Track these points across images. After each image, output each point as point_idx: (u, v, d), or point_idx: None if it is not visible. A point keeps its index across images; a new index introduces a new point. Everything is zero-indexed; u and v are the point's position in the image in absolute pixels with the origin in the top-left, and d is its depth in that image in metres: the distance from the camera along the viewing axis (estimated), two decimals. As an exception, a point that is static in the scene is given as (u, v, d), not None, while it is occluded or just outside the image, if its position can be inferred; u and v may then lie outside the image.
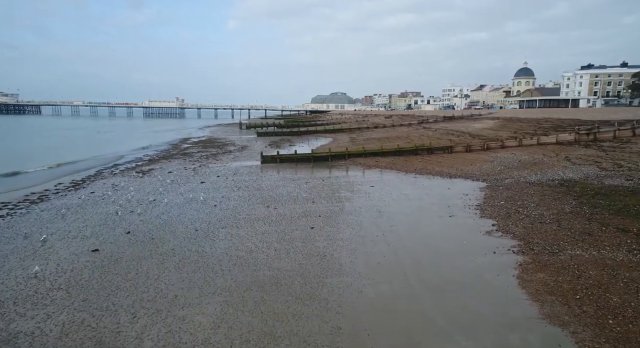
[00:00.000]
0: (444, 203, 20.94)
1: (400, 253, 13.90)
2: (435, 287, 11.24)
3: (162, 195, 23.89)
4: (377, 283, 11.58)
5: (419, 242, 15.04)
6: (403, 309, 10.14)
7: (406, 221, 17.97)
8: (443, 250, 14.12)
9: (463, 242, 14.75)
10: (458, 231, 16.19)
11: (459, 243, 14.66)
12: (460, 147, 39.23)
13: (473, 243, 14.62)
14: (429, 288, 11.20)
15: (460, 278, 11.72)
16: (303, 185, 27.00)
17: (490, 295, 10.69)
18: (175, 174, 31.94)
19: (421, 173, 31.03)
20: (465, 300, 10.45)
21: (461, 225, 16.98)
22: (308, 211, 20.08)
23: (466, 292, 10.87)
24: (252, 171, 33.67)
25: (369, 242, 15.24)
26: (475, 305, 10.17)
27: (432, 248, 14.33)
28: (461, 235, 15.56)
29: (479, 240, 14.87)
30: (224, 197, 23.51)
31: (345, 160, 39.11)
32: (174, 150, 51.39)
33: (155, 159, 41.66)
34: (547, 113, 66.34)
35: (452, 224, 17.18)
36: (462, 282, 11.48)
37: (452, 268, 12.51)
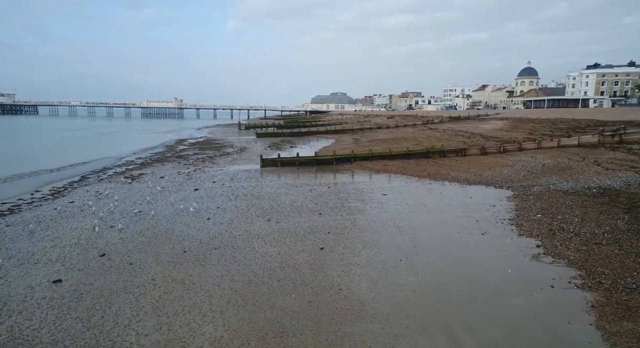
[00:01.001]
0: (470, 216, 18.28)
1: (434, 287, 11.22)
2: (493, 345, 8.50)
3: (150, 205, 21.20)
4: (413, 334, 8.89)
5: (454, 271, 12.35)
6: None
7: (431, 240, 15.31)
8: (486, 282, 11.43)
9: (508, 270, 12.08)
10: (497, 254, 13.52)
11: (504, 273, 11.99)
12: (474, 150, 36.57)
13: (521, 272, 11.95)
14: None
15: (523, 331, 8.93)
16: (307, 193, 24.35)
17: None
18: (167, 179, 29.26)
19: (435, 178, 28.38)
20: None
21: (498, 246, 14.31)
22: (315, 226, 17.42)
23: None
24: (251, 176, 31.00)
25: (392, 268, 12.58)
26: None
27: (472, 280, 11.62)
28: (503, 261, 12.89)
29: (527, 268, 12.20)
30: (219, 207, 20.84)
31: (351, 164, 36.45)
32: (169, 152, 48.69)
33: (147, 162, 38.97)
34: (559, 113, 63.68)
35: (487, 245, 14.51)
36: (527, 336, 8.73)
37: (506, 312, 9.81)
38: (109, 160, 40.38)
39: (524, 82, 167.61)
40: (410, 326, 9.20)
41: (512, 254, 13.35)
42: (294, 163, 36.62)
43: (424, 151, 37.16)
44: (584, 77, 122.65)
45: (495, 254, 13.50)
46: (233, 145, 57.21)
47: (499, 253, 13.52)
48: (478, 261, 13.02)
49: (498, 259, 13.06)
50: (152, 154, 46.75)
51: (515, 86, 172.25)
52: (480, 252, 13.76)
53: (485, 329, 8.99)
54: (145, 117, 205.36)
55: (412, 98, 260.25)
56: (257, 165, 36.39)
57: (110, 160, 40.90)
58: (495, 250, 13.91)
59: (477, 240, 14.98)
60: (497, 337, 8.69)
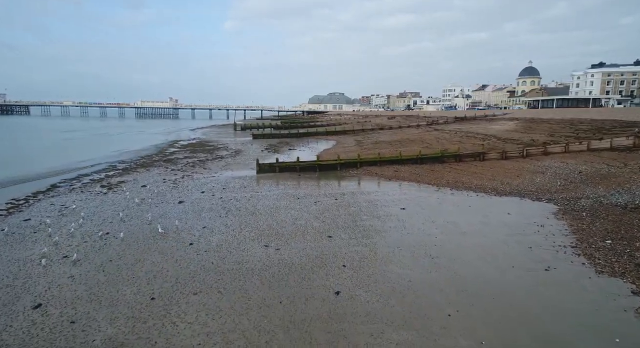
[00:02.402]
0: (519, 241, 14.65)
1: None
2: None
3: (121, 224, 17.44)
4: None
5: (532, 337, 8.66)
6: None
7: (481, 280, 11.63)
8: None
9: (615, 340, 8.40)
10: (582, 307, 9.84)
11: (610, 343, 8.32)
12: (494, 154, 32.97)
13: (631, 341, 8.30)
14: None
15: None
16: (311, 207, 20.65)
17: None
18: (150, 188, 25.48)
19: (457, 188, 24.76)
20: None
21: (577, 291, 10.66)
22: (325, 255, 13.74)
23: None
24: (246, 184, 27.26)
25: (440, 330, 8.91)
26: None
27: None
28: (598, 319, 9.24)
29: (637, 334, 8.56)
30: (205, 227, 17.10)
31: (358, 169, 32.78)
32: (157, 155, 44.82)
33: (131, 168, 35.12)
34: (572, 113, 60.27)
35: (561, 288, 10.83)
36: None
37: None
38: (88, 165, 36.45)
39: (526, 82, 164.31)
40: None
41: (605, 307, 9.70)
42: (294, 168, 32.93)
43: (438, 155, 33.51)
44: (588, 77, 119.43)
45: (580, 307, 9.84)
46: (227, 148, 53.41)
47: (585, 306, 9.86)
48: (560, 319, 9.34)
49: (588, 316, 9.40)
50: (138, 157, 42.87)
51: (517, 86, 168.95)
52: (558, 302, 10.07)
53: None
54: (140, 118, 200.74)
55: (410, 98, 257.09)
56: (253, 171, 32.68)
57: (90, 164, 36.99)
58: (576, 298, 10.25)
59: (544, 280, 11.32)
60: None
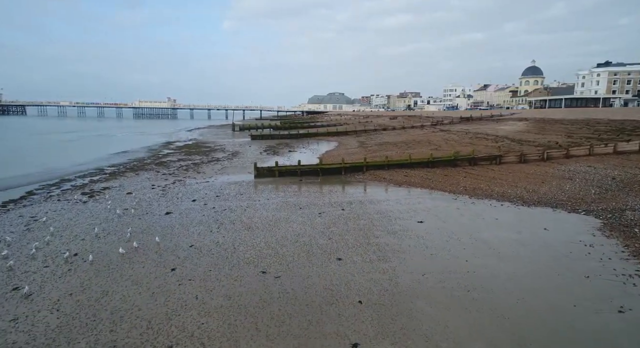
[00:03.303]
0: (570, 267, 12.14)
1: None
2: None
3: (94, 242, 14.91)
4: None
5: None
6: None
7: (538, 326, 9.11)
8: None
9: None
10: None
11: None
12: (511, 156, 30.43)
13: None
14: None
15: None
16: (316, 220, 18.12)
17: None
18: (136, 196, 22.93)
19: (477, 195, 22.24)
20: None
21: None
22: (336, 285, 11.22)
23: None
24: (243, 191, 24.72)
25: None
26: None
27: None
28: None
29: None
30: (193, 246, 14.57)
31: (364, 174, 30.25)
32: (150, 158, 42.26)
33: (119, 171, 32.55)
34: (584, 113, 57.80)
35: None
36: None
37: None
38: (74, 168, 33.86)
39: (529, 81, 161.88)
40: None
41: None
42: (294, 172, 30.42)
43: (451, 158, 30.97)
44: (594, 76, 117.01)
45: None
46: (224, 149, 50.86)
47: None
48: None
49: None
50: (128, 159, 40.30)
51: (520, 86, 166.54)
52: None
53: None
54: (137, 118, 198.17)
55: (410, 98, 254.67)
56: (251, 175, 30.17)
57: (77, 167, 34.42)
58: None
59: (620, 328, 8.81)
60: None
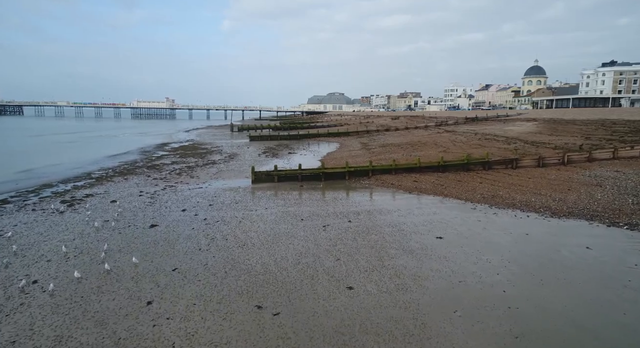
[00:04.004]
0: (635, 300, 9.98)
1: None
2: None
3: (61, 265, 12.72)
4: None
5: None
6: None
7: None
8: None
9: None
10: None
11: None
12: (528, 160, 28.25)
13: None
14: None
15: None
16: (320, 234, 15.95)
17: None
18: (120, 205, 20.75)
19: (497, 204, 20.07)
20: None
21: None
22: (348, 326, 9.04)
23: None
24: (239, 199, 22.54)
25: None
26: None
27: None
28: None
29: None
30: (176, 270, 12.39)
31: (369, 179, 28.11)
32: (142, 160, 40.07)
33: (107, 176, 30.35)
34: (595, 113, 55.79)
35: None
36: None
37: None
38: (59, 172, 31.67)
39: (532, 81, 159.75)
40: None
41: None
42: (295, 177, 28.27)
43: (464, 162, 28.78)
44: (599, 76, 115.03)
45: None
46: (222, 151, 48.68)
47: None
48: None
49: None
50: (120, 162, 38.10)
51: (522, 85, 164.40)
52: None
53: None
54: (135, 118, 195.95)
55: (411, 98, 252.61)
56: (248, 180, 28.03)
57: (63, 171, 32.22)
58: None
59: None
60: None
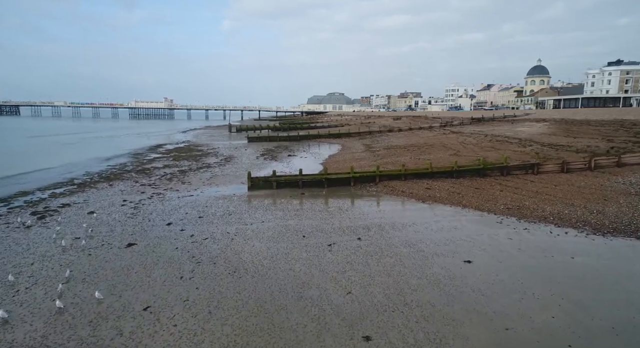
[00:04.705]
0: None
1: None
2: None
3: (3, 300, 10.27)
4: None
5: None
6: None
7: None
8: None
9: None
10: None
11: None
12: (551, 165, 25.80)
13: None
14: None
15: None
16: (326, 256, 13.51)
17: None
18: (98, 217, 18.31)
19: (526, 217, 17.63)
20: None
21: None
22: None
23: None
24: (232, 209, 20.08)
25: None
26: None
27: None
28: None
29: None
30: (149, 309, 9.94)
31: (376, 185, 25.68)
32: (132, 163, 37.60)
33: (91, 181, 27.89)
34: (610, 113, 53.37)
35: None
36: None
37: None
38: (41, 177, 29.17)
39: (534, 81, 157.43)
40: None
41: None
42: (295, 183, 25.84)
43: (479, 167, 26.32)
44: (605, 75, 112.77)
45: None
46: (218, 153, 46.23)
47: None
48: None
49: None
50: (107, 166, 35.62)
51: (525, 85, 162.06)
52: None
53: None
54: (134, 118, 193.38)
55: (411, 98, 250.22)
56: (244, 186, 25.62)
57: (43, 177, 29.74)
58: None
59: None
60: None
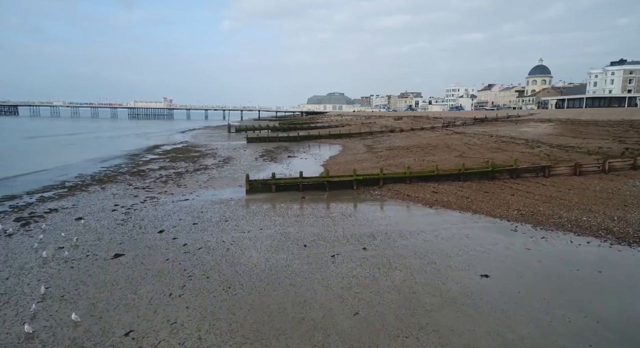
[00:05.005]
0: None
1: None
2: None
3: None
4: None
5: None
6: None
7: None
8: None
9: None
10: None
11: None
12: (563, 167, 24.71)
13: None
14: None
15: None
16: (329, 268, 12.40)
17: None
18: (86, 224, 17.21)
19: (542, 224, 16.53)
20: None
21: None
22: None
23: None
24: (229, 215, 18.97)
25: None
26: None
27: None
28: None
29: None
30: (131, 334, 8.80)
31: (380, 188, 24.58)
32: (128, 165, 36.49)
33: (82, 185, 26.77)
34: (617, 114, 52.25)
35: None
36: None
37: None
38: (31, 180, 28.05)
39: (536, 81, 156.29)
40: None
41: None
42: (295, 186, 24.74)
43: (488, 169, 25.22)
44: (608, 74, 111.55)
45: None
46: (216, 154, 45.12)
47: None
48: None
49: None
50: (102, 168, 34.50)
51: (526, 85, 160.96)
52: None
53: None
54: (133, 118, 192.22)
55: (412, 98, 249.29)
56: (242, 190, 24.52)
57: (34, 179, 28.61)
58: None
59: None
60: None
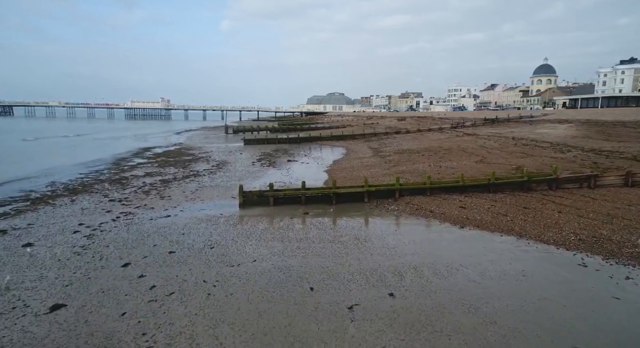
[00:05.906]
0: None
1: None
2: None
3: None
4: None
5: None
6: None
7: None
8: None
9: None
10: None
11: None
12: (612, 177, 21.09)
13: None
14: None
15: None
16: (347, 331, 8.76)
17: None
18: (32, 253, 13.56)
19: (615, 255, 12.94)
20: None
21: None
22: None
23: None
24: (216, 238, 15.30)
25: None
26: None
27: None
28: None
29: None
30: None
31: (396, 201, 20.96)
32: (110, 171, 32.81)
33: (50, 196, 23.10)
34: (635, 113, 48.79)
35: None
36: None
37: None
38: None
39: (541, 80, 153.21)
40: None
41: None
42: (297, 198, 21.10)
43: (523, 179, 21.55)
44: (618, 74, 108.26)
45: None
46: (210, 158, 41.47)
47: None
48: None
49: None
50: (80, 174, 30.81)
51: (531, 85, 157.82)
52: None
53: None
54: (130, 119, 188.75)
55: (412, 98, 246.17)
56: (235, 202, 20.91)
57: (0, 189, 24.99)
58: None
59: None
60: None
